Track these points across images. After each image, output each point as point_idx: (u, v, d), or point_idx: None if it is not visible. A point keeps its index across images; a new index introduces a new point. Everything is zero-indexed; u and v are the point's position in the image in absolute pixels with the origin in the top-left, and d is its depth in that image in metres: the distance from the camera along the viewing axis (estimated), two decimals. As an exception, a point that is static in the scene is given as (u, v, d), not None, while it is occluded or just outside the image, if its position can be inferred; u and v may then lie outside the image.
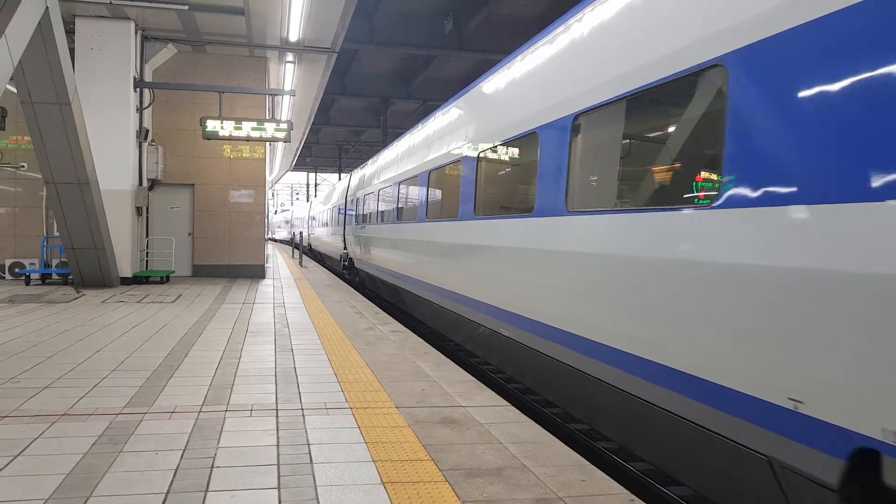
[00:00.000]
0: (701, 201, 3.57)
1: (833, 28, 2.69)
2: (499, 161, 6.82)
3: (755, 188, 3.11)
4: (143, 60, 14.32)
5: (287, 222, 53.30)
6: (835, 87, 2.69)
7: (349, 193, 18.18)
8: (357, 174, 18.04)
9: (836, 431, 2.67)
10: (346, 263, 17.84)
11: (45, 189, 12.68)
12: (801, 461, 2.85)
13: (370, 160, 16.43)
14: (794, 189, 2.87)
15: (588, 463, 3.67)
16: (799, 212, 2.84)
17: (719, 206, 3.33)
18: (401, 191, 11.38)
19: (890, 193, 2.43)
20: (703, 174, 3.62)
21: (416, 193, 10.30)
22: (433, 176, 9.20)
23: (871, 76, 2.50)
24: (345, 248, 18.23)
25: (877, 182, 2.46)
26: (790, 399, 2.88)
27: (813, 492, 2.81)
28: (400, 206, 11.43)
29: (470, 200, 7.42)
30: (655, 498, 5.00)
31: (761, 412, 3.05)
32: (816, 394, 2.75)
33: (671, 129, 4.04)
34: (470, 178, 7.48)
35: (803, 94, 2.88)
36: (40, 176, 11.71)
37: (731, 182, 3.27)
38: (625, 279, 4.16)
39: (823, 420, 2.72)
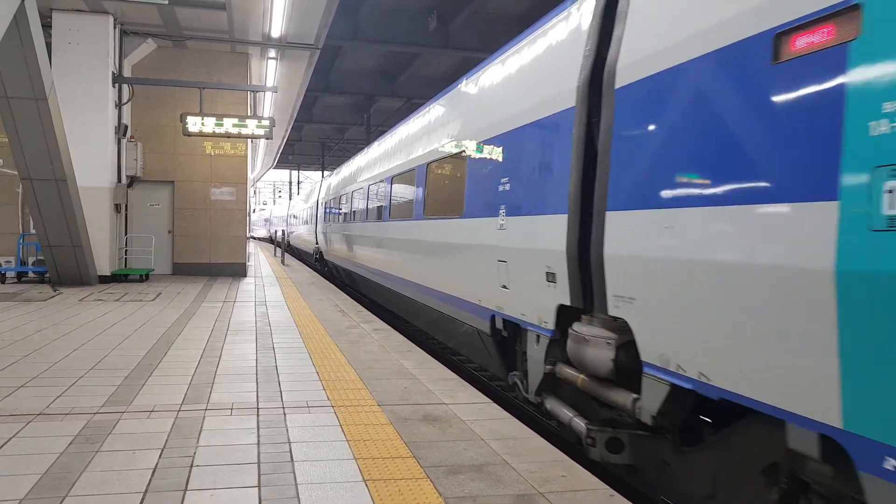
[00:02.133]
0: (458, 215, 7.07)
1: (481, 160, 6.54)
2: (398, 184, 10.37)
3: (468, 210, 6.75)
4: (121, 55, 14.14)
5: (266, 220, 57.69)
6: (489, 173, 6.23)
7: (319, 198, 21.93)
8: (325, 182, 21.68)
9: (487, 310, 6.19)
10: (318, 256, 21.71)
11: (21, 186, 12.48)
12: (481, 326, 6.40)
13: (334, 172, 20.18)
14: (475, 210, 6.52)
15: (569, 459, 3.68)
16: (476, 221, 6.48)
17: (462, 217, 6.90)
18: (353, 199, 14.83)
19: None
20: (458, 202, 7.09)
21: (360, 202, 13.83)
22: (370, 189, 12.64)
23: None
24: (316, 243, 21.88)
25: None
26: (478, 300, 6.42)
27: (486, 339, 6.42)
28: (351, 210, 14.95)
29: (387, 209, 10.97)
30: (635, 493, 5.03)
31: (474, 308, 6.59)
32: (483, 295, 6.28)
33: (454, 178, 7.47)
34: (385, 194, 11.19)
35: (482, 172, 6.44)
36: (16, 172, 11.52)
37: (465, 206, 6.85)
38: (434, 252, 7.95)
39: (484, 306, 6.24)
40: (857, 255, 2.51)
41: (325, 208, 19.82)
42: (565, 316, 4.75)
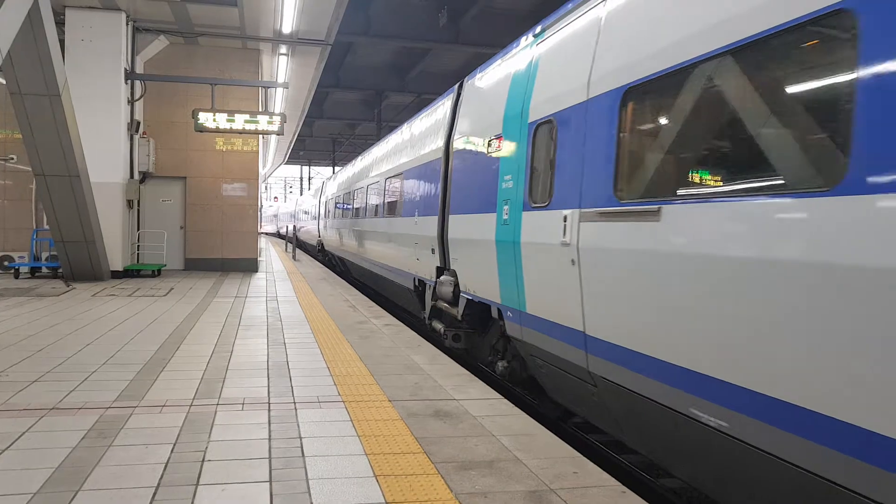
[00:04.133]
0: (399, 215, 10.14)
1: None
2: (371, 192, 13.45)
3: (403, 211, 9.91)
4: (134, 52, 14.20)
5: (275, 216, 62.42)
6: (411, 189, 9.66)
7: (320, 198, 25.96)
8: (325, 186, 25.51)
9: (411, 275, 9.42)
10: (320, 248, 25.46)
11: (34, 181, 12.57)
12: (409, 285, 9.60)
13: (332, 178, 23.86)
14: (406, 212, 9.77)
15: (580, 455, 3.65)
16: (406, 219, 9.72)
17: (400, 216, 9.99)
18: (343, 201, 18.18)
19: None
20: (399, 206, 10.15)
21: (348, 204, 17.10)
22: (355, 194, 15.75)
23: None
24: (319, 236, 25.64)
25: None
26: (407, 269, 9.66)
27: (411, 294, 9.61)
28: (343, 209, 18.32)
29: (363, 209, 14.32)
30: (647, 490, 5.00)
31: (406, 275, 9.74)
32: (409, 266, 9.50)
33: (398, 190, 10.49)
34: (363, 198, 14.47)
35: (410, 188, 9.84)
36: (30, 168, 11.61)
37: (402, 209, 9.97)
38: (387, 240, 11.07)
39: (410, 273, 9.45)
40: (499, 233, 5.80)
41: (325, 208, 23.48)
42: (439, 272, 8.04)
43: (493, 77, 6.78)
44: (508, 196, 5.66)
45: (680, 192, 3.49)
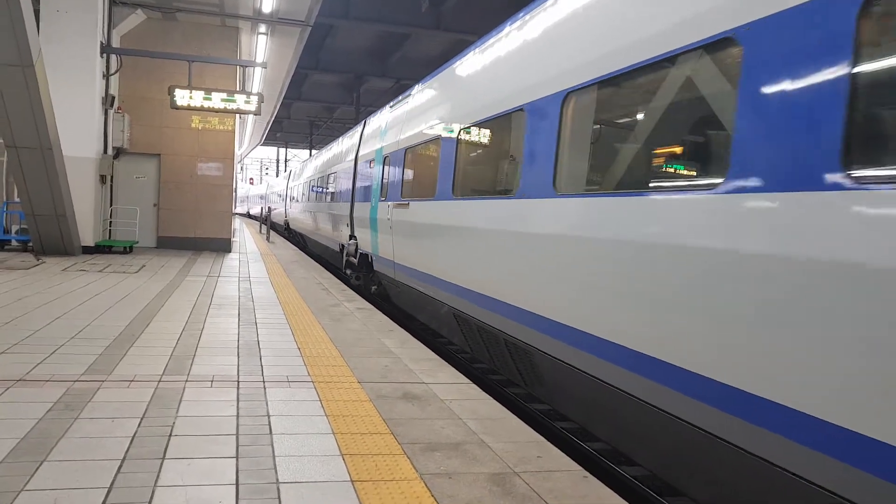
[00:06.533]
0: (335, 201, 14.66)
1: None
2: (322, 182, 17.11)
3: (336, 198, 14.61)
4: (110, 25, 13.95)
5: (246, 197, 64.98)
6: (340, 182, 14.66)
7: (287, 184, 29.49)
8: (291, 174, 29.09)
9: (338, 242, 14.01)
10: (286, 226, 28.83)
11: (5, 153, 12.33)
12: (335, 248, 14.58)
13: (297, 168, 27.71)
14: (338, 199, 14.33)
15: (545, 440, 3.74)
16: (338, 203, 14.23)
17: (335, 202, 14.49)
18: (302, 189, 22.07)
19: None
20: (337, 195, 14.52)
21: (306, 191, 20.92)
22: (313, 182, 19.28)
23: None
24: (286, 217, 28.84)
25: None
26: (335, 237, 14.47)
27: (337, 254, 14.13)
28: (302, 195, 22.06)
29: (315, 195, 18.41)
30: (608, 475, 5.11)
31: (335, 242, 14.48)
32: (337, 236, 14.14)
33: (336, 181, 14.87)
34: (316, 187, 18.37)
35: (339, 182, 14.65)
36: (1, 140, 11.38)
37: (336, 197, 14.49)
38: (329, 220, 15.21)
39: (337, 240, 14.04)
40: (371, 213, 10.37)
41: (290, 192, 27.64)
42: (350, 238, 11.94)
43: (375, 123, 11.47)
44: (375, 194, 10.21)
45: (413, 195, 8.05)
